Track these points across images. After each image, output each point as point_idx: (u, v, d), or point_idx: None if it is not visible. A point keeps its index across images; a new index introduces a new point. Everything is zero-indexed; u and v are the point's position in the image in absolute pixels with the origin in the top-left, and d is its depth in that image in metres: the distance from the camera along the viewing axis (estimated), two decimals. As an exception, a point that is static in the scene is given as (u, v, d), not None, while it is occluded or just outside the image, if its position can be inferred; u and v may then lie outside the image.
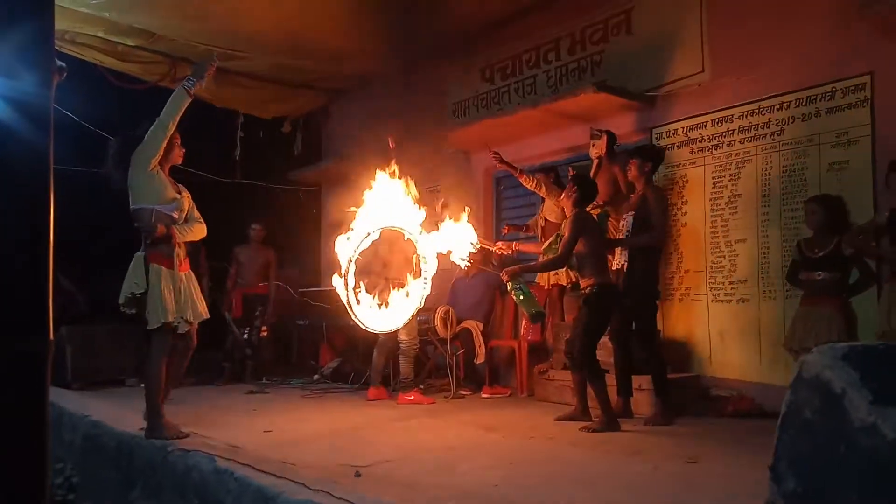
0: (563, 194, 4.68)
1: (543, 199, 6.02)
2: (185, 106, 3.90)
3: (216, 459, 3.27)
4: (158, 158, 3.89)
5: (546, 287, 5.87)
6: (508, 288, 4.50)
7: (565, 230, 4.52)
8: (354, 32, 6.84)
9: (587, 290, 4.47)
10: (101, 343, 6.66)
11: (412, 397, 5.58)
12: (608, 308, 4.53)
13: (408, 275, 3.91)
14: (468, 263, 4.24)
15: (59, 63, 1.88)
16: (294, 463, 3.24)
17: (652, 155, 4.97)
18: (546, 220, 5.89)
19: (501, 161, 5.86)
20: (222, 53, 7.03)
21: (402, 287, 3.86)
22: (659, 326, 5.21)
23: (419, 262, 3.71)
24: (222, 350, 7.07)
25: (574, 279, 5.53)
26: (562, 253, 4.45)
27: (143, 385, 6.17)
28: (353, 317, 3.58)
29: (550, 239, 5.55)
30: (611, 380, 4.66)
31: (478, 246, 4.24)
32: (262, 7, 6.18)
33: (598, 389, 4.40)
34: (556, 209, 5.61)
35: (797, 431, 1.54)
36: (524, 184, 5.94)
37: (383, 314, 3.78)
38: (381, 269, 5.36)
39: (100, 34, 6.82)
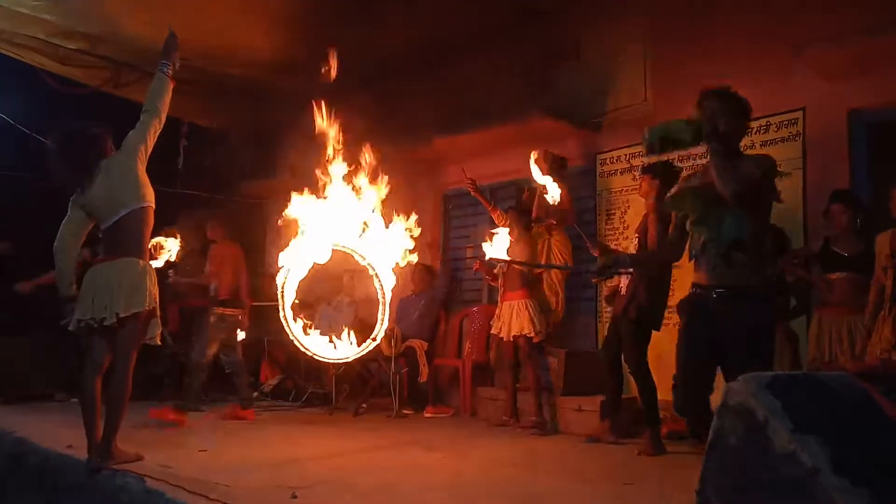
0: (644, 184, 4.32)
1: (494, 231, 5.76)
2: (171, 91, 3.65)
3: (146, 480, 3.16)
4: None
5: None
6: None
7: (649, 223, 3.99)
8: (306, 46, 6.80)
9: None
10: (29, 355, 6.39)
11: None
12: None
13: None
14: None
15: None
16: (228, 484, 3.14)
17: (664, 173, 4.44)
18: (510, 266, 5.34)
19: (476, 190, 5.73)
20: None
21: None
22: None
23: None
24: (160, 365, 6.84)
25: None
26: (672, 237, 3.41)
27: (74, 400, 5.98)
28: (296, 342, 3.54)
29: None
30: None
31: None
32: (210, 17, 6.10)
33: None
34: (523, 252, 5.27)
35: (723, 458, 1.58)
36: (496, 220, 5.66)
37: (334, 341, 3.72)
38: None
39: (40, 36, 6.60)
